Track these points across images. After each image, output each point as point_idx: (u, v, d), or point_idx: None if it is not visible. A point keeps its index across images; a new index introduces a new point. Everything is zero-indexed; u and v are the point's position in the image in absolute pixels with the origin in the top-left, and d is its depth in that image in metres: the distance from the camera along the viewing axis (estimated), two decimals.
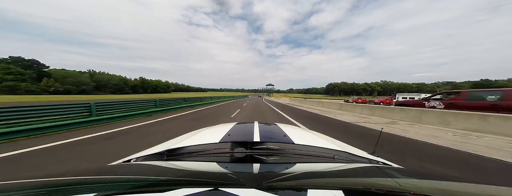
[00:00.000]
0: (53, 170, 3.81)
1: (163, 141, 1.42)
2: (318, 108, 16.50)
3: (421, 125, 7.03)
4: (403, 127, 6.55)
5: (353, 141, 4.59)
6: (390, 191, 0.52)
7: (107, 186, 0.57)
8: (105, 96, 53.55)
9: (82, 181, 0.63)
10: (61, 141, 4.42)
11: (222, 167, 0.80)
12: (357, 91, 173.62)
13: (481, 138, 4.98)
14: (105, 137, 4.93)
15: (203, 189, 0.45)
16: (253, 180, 0.63)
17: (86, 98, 38.14)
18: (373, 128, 6.48)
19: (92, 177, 0.70)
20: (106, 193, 0.47)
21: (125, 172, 0.77)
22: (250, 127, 1.54)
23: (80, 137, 4.78)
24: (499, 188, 0.58)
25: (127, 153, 1.25)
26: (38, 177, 0.63)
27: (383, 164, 1.02)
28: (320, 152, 1.04)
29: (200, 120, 8.33)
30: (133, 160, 1.02)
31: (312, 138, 1.36)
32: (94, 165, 2.92)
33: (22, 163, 3.12)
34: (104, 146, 4.05)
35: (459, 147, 4.07)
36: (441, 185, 0.63)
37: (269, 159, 0.93)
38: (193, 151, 1.04)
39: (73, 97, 44.05)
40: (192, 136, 1.35)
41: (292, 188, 0.54)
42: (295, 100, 30.78)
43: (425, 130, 6.06)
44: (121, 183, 0.62)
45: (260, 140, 1.11)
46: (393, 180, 0.66)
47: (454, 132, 5.81)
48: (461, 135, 5.29)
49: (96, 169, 0.88)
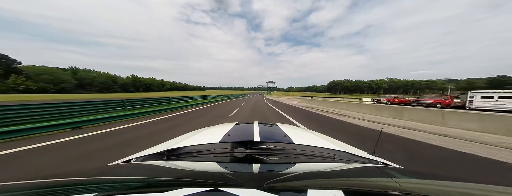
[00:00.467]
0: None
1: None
2: (345, 112, 12.15)
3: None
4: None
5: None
6: (390, 191, 0.52)
7: (107, 186, 0.58)
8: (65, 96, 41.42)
9: (82, 181, 0.64)
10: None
11: (222, 167, 0.80)
12: (361, 89, 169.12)
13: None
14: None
15: (203, 189, 0.46)
16: (253, 180, 0.63)
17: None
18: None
19: (92, 177, 0.71)
20: (106, 193, 0.47)
21: (125, 172, 0.77)
22: (250, 127, 1.54)
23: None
24: (498, 187, 0.58)
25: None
26: (38, 177, 0.63)
27: (383, 164, 1.02)
28: (320, 152, 1.04)
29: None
30: (133, 160, 1.03)
31: (312, 138, 1.36)
32: (94, 165, 2.95)
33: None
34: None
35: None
36: (441, 185, 0.63)
37: (269, 159, 0.93)
38: (193, 151, 1.04)
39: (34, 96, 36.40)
40: (192, 136, 1.35)
41: (292, 188, 0.54)
42: (301, 99, 26.75)
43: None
44: (121, 183, 0.62)
45: (260, 140, 1.11)
46: (393, 180, 0.66)
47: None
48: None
49: (96, 169, 0.88)
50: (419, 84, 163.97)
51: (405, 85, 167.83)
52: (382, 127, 1.99)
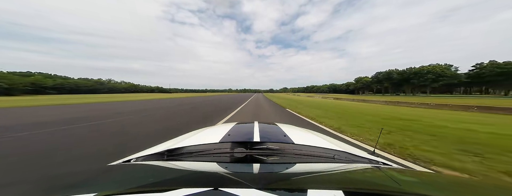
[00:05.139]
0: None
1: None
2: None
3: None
4: None
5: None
6: (390, 192, 0.52)
7: (107, 186, 0.57)
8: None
9: (82, 181, 0.64)
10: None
11: (222, 167, 0.80)
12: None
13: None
14: None
15: (203, 189, 0.46)
16: (253, 180, 0.63)
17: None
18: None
19: (92, 177, 0.71)
20: (106, 193, 0.47)
21: (125, 172, 0.77)
22: (250, 127, 1.54)
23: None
24: (498, 186, 0.58)
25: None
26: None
27: (383, 164, 1.02)
28: (320, 152, 1.04)
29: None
30: (133, 160, 1.03)
31: (312, 138, 1.36)
32: (94, 165, 2.93)
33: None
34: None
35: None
36: (441, 185, 0.63)
37: (269, 159, 0.93)
38: (193, 151, 1.04)
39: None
40: (192, 136, 1.35)
41: (292, 188, 0.54)
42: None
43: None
44: (121, 183, 0.62)
45: (260, 140, 1.11)
46: (393, 180, 0.66)
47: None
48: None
49: (96, 169, 0.88)
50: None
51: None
52: (382, 127, 1.99)
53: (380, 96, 57.55)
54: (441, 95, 73.68)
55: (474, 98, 38.46)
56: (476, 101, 20.74)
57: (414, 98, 43.95)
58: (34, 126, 6.05)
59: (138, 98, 35.71)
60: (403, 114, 10.21)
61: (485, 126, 6.37)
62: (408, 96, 70.47)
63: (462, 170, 2.74)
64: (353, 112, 10.72)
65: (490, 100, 29.07)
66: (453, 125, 6.50)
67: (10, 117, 8.43)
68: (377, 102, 22.78)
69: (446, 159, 3.15)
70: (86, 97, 38.00)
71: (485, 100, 25.67)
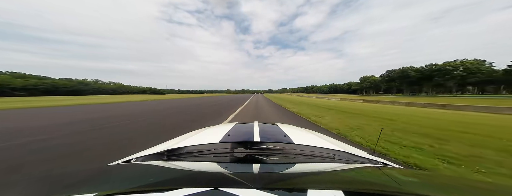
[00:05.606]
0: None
1: None
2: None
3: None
4: None
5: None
6: (390, 192, 0.52)
7: (107, 186, 0.57)
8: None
9: (82, 181, 0.64)
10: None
11: (222, 167, 0.80)
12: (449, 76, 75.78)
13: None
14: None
15: (203, 189, 0.46)
16: (253, 180, 0.62)
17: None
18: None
19: (92, 177, 0.71)
20: (106, 193, 0.47)
21: (125, 172, 0.77)
22: (250, 127, 1.53)
23: None
24: (498, 185, 0.58)
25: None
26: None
27: (383, 164, 1.02)
28: (320, 152, 1.04)
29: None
30: (133, 160, 1.02)
31: (312, 138, 1.35)
32: (94, 165, 2.93)
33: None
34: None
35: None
36: (441, 185, 0.63)
37: (269, 159, 0.93)
38: (193, 151, 1.04)
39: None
40: (192, 136, 1.35)
41: (292, 188, 0.54)
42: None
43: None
44: (121, 183, 0.62)
45: (260, 140, 1.11)
46: (393, 180, 0.66)
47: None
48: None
49: (96, 169, 0.88)
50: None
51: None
52: (382, 127, 1.99)
53: (399, 97, 45.20)
54: (480, 96, 55.79)
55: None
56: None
57: (458, 99, 31.66)
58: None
59: (108, 100, 25.87)
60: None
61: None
62: (435, 97, 53.74)
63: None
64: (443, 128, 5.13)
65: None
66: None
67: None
68: (418, 104, 16.36)
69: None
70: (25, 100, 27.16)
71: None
